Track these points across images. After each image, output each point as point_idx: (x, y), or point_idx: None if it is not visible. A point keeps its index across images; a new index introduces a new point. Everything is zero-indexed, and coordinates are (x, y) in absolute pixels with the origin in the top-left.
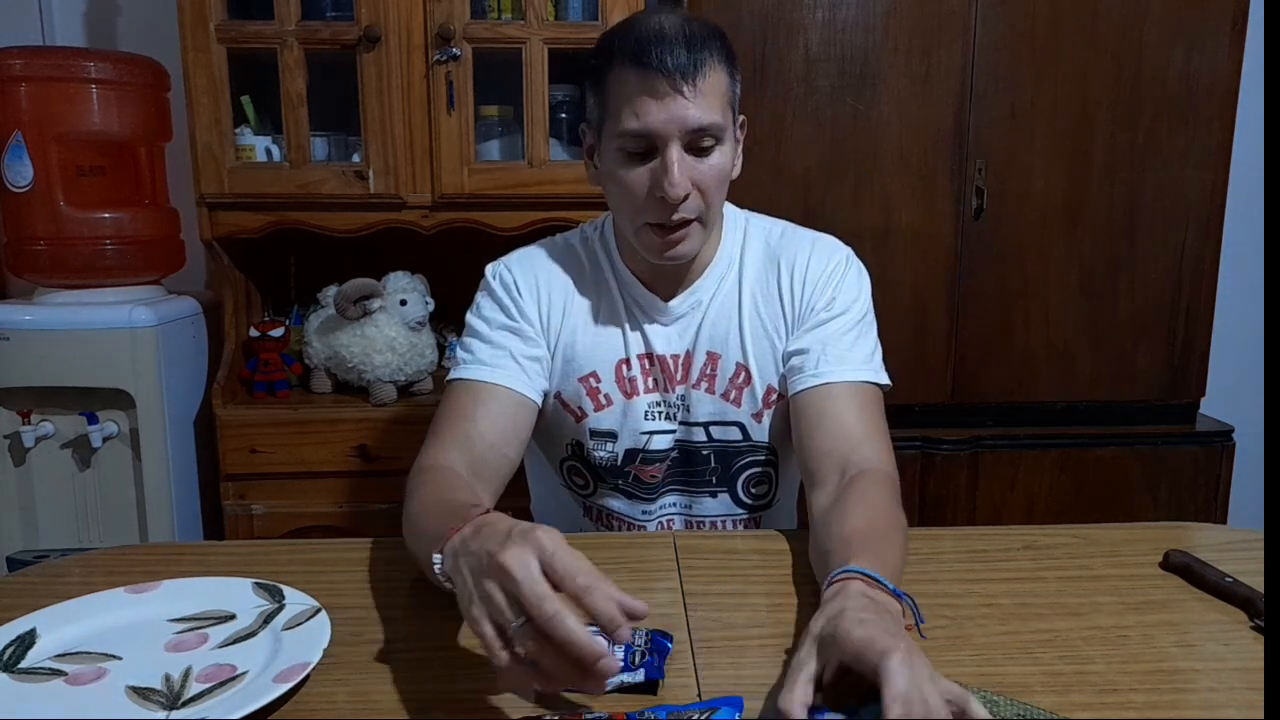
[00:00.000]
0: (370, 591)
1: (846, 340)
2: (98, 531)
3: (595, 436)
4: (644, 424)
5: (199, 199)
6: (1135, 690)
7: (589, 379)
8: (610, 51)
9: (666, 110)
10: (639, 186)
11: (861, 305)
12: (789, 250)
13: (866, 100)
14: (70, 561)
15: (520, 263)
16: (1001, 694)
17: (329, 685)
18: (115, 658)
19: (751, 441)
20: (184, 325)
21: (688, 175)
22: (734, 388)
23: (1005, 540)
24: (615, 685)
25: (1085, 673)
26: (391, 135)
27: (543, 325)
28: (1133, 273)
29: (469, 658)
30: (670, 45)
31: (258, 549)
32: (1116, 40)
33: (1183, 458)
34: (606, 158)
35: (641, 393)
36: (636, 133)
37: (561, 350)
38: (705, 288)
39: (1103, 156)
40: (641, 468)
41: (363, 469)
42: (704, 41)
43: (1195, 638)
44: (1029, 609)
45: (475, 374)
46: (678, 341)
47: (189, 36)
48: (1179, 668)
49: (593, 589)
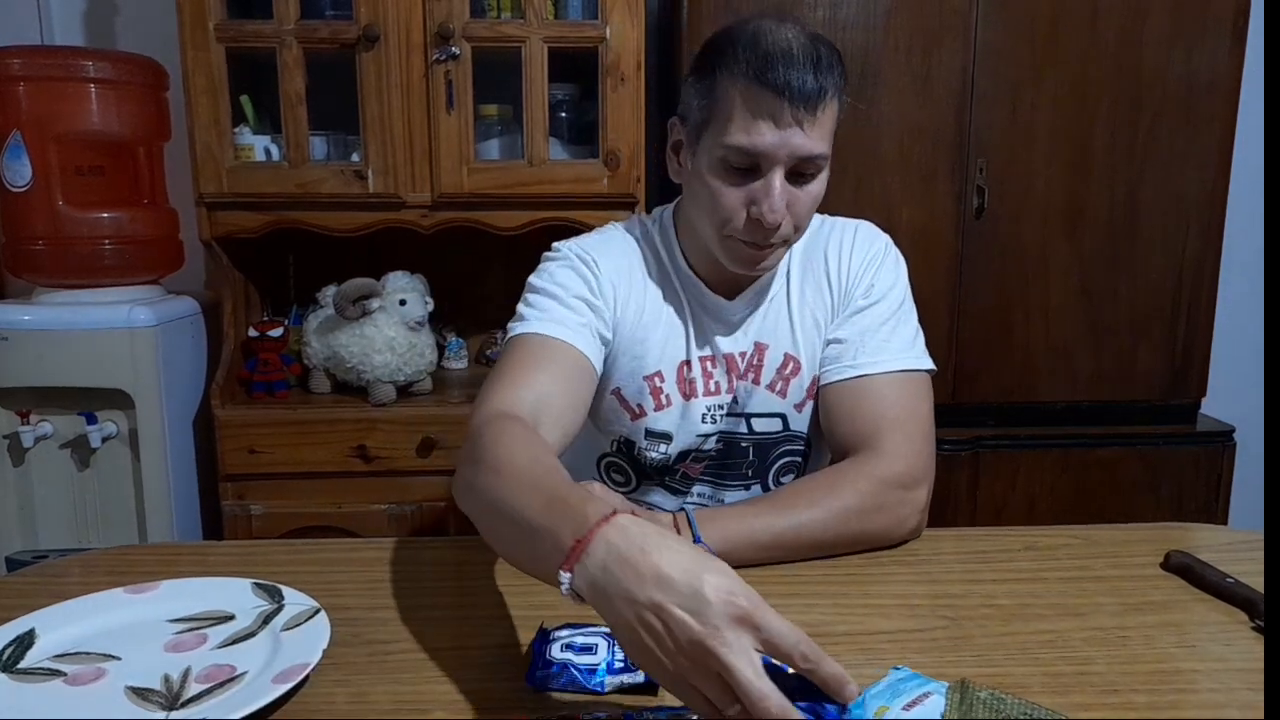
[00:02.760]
0: (370, 592)
1: (884, 331)
2: (96, 532)
3: (650, 436)
4: (700, 426)
5: (198, 199)
6: (1136, 691)
7: (654, 378)
8: (729, 56)
9: (781, 136)
10: (735, 202)
11: (899, 292)
12: (832, 239)
13: (867, 99)
14: (69, 562)
15: (598, 246)
16: (1009, 693)
17: (328, 686)
18: (114, 658)
19: (790, 432)
20: (183, 325)
21: (785, 201)
22: (781, 378)
23: (1006, 541)
24: (615, 686)
25: (1086, 673)
26: (391, 135)
27: (616, 315)
28: (1133, 272)
29: (469, 658)
30: (798, 69)
31: (257, 549)
32: (1117, 40)
33: (1183, 458)
34: (702, 162)
35: (700, 395)
36: (746, 150)
37: (629, 345)
38: (763, 286)
39: (1103, 156)
40: (691, 465)
41: (362, 469)
42: (829, 68)
43: (1196, 638)
44: (1030, 610)
45: (549, 330)
46: (738, 341)
47: (188, 36)
48: (1180, 668)
49: (820, 662)
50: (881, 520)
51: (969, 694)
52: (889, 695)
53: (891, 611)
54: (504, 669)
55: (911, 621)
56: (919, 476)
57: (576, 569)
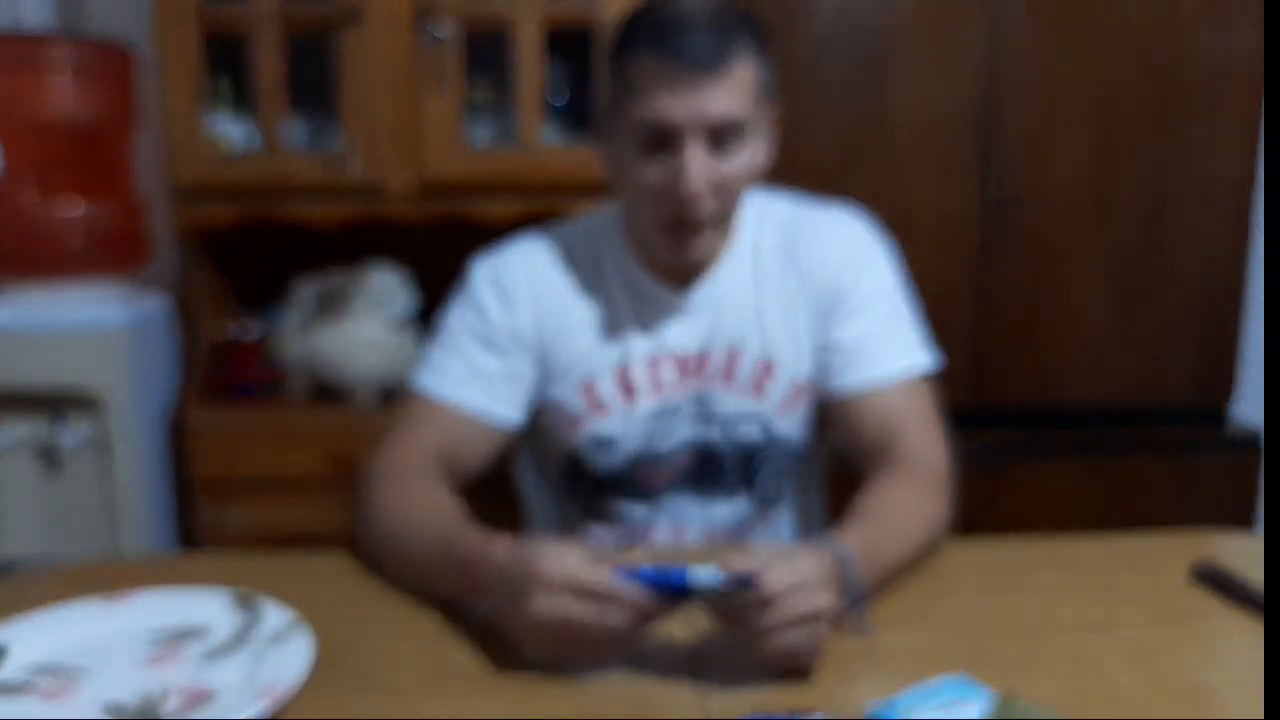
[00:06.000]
0: (352, 604)
1: (885, 332)
2: (68, 540)
3: (595, 444)
4: (647, 425)
5: (171, 189)
6: (1163, 708)
7: (589, 383)
8: (629, 33)
9: (685, 102)
10: (652, 182)
11: (891, 283)
12: (807, 232)
13: (881, 82)
14: (40, 572)
15: (511, 260)
16: (1051, 709)
17: (311, 702)
18: (89, 672)
19: (774, 437)
20: (155, 325)
21: (706, 174)
22: (756, 382)
23: (1028, 551)
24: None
25: (1111, 689)
26: (375, 118)
27: (535, 331)
28: (1161, 266)
29: (456, 672)
30: (693, 31)
31: (235, 559)
32: (1146, 20)
33: (1212, 462)
34: (620, 146)
35: (645, 396)
36: (652, 124)
37: (554, 357)
38: (722, 277)
39: (1131, 142)
40: (647, 470)
41: (344, 477)
42: (732, 28)
43: (1226, 652)
44: (1053, 623)
45: (439, 390)
46: (691, 337)
47: (163, 17)
48: (1210, 684)
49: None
50: (945, 522)
51: (1010, 706)
52: (927, 696)
53: (907, 626)
54: (492, 685)
55: (928, 636)
56: (948, 473)
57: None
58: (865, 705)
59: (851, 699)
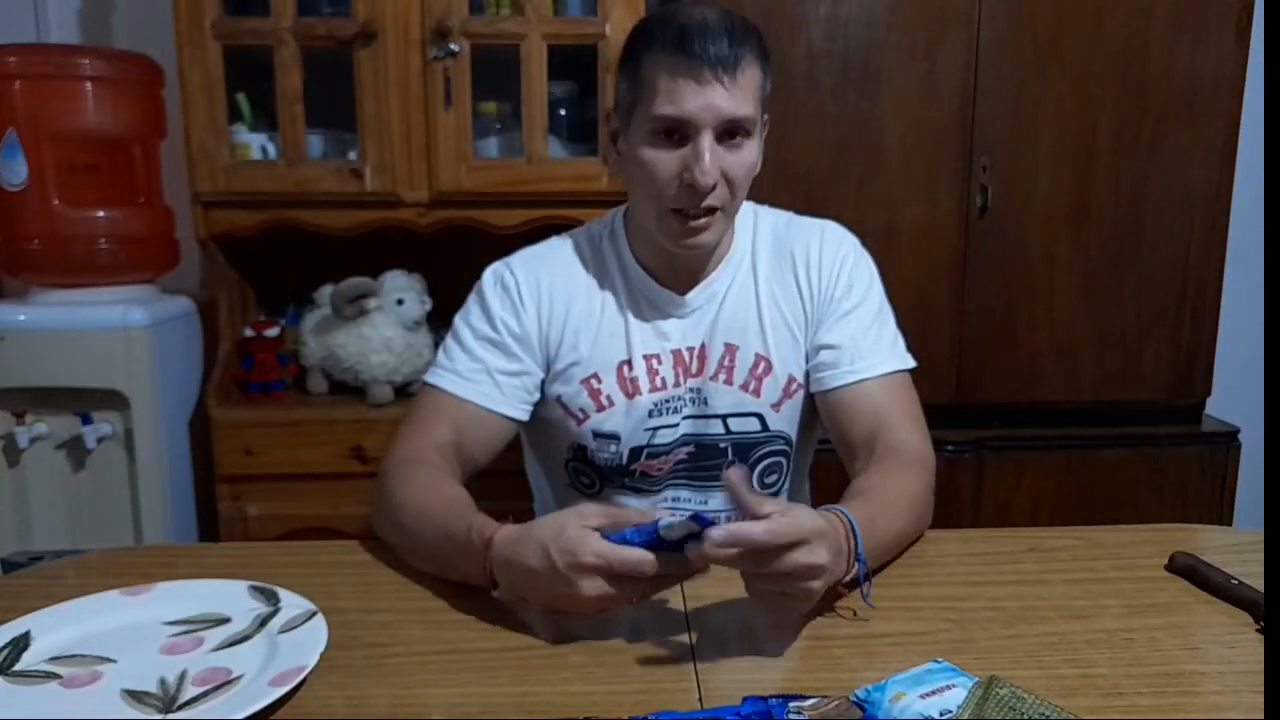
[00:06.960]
0: (367, 594)
1: (871, 334)
2: (92, 533)
3: (598, 438)
4: (648, 421)
5: (194, 197)
6: (1140, 694)
7: (590, 381)
8: (648, 37)
9: (704, 98)
10: (667, 171)
11: (876, 290)
12: (799, 240)
13: (870, 97)
14: (65, 563)
15: (521, 266)
16: (1031, 693)
17: (325, 689)
18: (110, 660)
19: (770, 431)
20: (178, 325)
21: (718, 165)
22: (754, 378)
23: (1010, 542)
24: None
25: (1090, 676)
26: (388, 132)
27: (540, 334)
28: (1138, 271)
29: (467, 660)
30: (713, 36)
31: (253, 551)
32: (1121, 36)
33: (1188, 459)
34: (635, 141)
35: (645, 391)
36: (672, 117)
37: (561, 355)
38: (721, 280)
39: (1107, 154)
40: (648, 463)
41: (359, 470)
42: (744, 36)
43: (1201, 641)
44: (1034, 612)
45: (451, 386)
46: (692, 334)
47: (184, 33)
48: (1184, 671)
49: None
50: (930, 507)
51: (991, 691)
52: (911, 683)
53: (893, 614)
54: (502, 671)
55: (914, 624)
56: (932, 463)
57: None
58: (853, 690)
59: (839, 684)
